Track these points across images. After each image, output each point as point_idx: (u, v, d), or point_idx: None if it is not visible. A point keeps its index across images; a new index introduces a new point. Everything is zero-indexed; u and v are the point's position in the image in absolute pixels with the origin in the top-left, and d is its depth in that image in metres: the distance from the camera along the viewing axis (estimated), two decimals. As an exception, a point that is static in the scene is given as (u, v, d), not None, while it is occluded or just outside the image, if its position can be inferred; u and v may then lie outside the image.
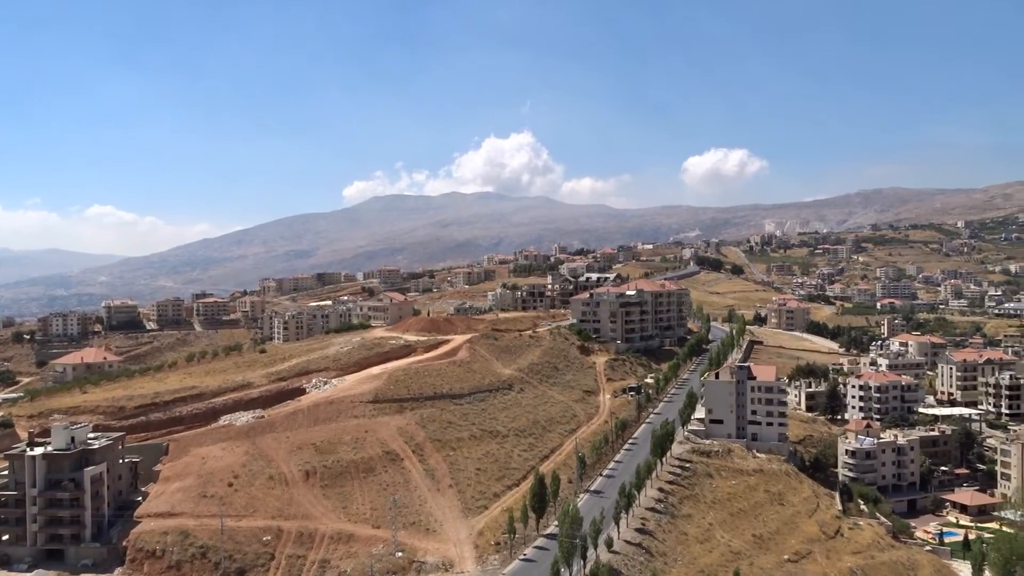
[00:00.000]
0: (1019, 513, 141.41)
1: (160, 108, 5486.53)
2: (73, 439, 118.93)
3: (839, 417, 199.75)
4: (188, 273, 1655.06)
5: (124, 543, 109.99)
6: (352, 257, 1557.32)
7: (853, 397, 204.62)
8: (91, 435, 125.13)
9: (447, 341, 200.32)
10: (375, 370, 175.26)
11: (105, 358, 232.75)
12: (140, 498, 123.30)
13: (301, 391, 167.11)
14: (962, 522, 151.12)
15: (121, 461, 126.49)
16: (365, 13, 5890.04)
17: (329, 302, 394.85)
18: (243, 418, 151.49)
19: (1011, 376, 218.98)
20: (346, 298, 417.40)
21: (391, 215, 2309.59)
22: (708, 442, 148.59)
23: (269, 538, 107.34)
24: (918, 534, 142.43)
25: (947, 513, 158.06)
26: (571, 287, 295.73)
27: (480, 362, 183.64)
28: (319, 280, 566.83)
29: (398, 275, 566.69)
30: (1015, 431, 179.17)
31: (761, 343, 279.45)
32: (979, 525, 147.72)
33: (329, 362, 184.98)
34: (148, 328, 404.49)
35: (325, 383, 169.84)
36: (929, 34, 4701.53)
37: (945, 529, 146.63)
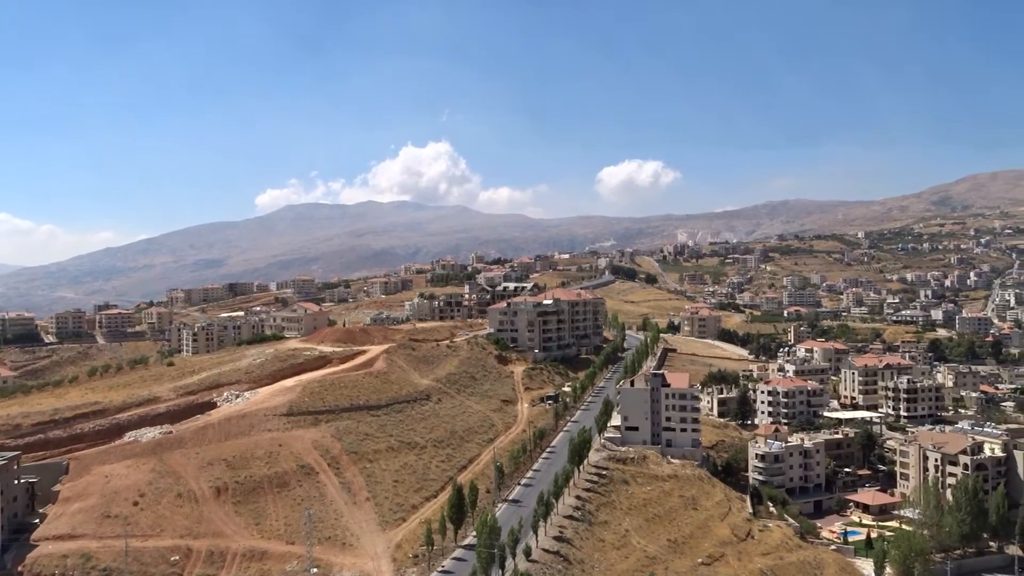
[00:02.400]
0: (917, 512, 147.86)
1: (59, 109, 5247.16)
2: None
3: (749, 422, 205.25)
4: (90, 283, 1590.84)
5: (19, 568, 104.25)
6: (265, 267, 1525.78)
7: (762, 402, 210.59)
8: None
9: (363, 352, 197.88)
10: (289, 382, 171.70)
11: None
12: (37, 520, 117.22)
13: (212, 405, 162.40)
14: (865, 521, 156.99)
15: (16, 482, 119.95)
16: (279, 17, 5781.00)
17: (241, 313, 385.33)
18: (149, 434, 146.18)
19: (908, 380, 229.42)
20: (259, 309, 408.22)
21: (306, 224, 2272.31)
22: (624, 449, 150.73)
23: (177, 558, 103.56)
24: (824, 534, 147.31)
25: (851, 513, 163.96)
26: (489, 296, 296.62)
27: (397, 373, 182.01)
28: (230, 290, 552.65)
29: (313, 285, 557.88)
30: (912, 432, 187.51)
31: (675, 351, 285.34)
32: (880, 524, 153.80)
33: (241, 375, 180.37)
34: (46, 341, 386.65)
35: (237, 396, 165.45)
36: (822, 53, 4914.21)
37: (849, 528, 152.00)
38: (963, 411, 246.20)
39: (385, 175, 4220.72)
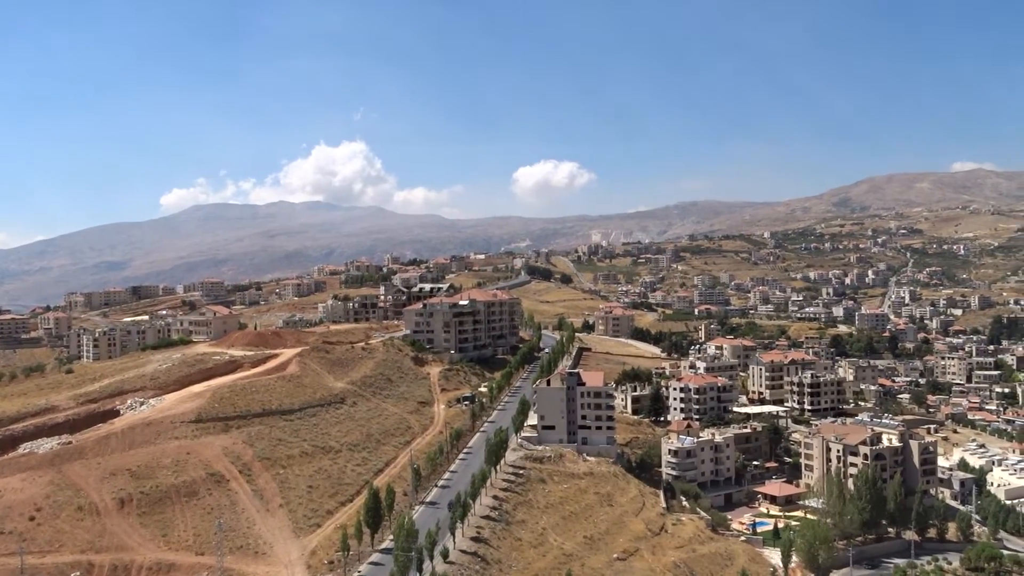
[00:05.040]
0: (821, 501, 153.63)
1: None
2: None
3: (662, 419, 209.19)
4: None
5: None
6: (171, 269, 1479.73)
7: (675, 399, 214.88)
8: None
9: (276, 355, 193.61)
10: (198, 388, 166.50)
11: None
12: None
13: (115, 413, 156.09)
14: (772, 512, 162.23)
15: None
16: (187, 9, 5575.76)
17: (146, 317, 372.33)
18: (47, 445, 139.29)
19: (812, 375, 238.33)
20: (165, 312, 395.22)
21: (214, 224, 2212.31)
22: (541, 448, 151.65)
23: (78, 573, 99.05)
24: (734, 526, 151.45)
25: (759, 504, 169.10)
26: (404, 298, 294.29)
27: (311, 376, 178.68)
28: (134, 293, 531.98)
29: (222, 287, 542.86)
30: (816, 425, 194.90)
31: (590, 350, 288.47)
32: (787, 514, 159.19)
33: (146, 381, 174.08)
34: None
35: (142, 403, 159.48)
36: (725, 59, 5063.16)
37: (757, 520, 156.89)
38: (863, 404, 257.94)
39: (297, 175, 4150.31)
